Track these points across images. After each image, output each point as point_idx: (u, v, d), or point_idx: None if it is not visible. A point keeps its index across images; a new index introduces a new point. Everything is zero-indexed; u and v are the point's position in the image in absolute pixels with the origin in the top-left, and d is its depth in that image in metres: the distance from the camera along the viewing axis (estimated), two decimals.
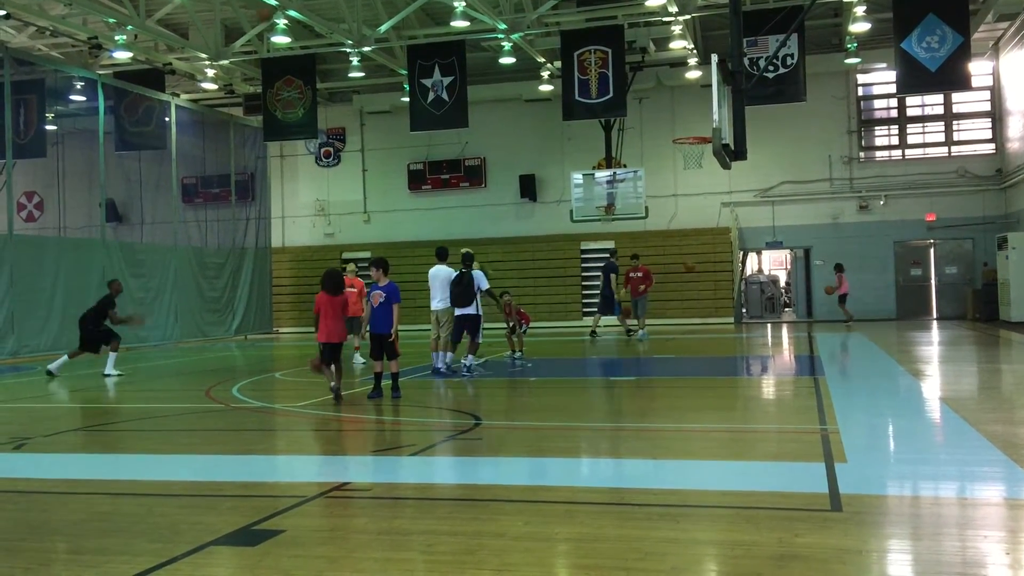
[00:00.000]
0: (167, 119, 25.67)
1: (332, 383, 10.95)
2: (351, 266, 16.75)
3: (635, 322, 21.71)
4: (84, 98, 23.99)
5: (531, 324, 18.27)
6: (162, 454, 8.19)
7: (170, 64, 24.82)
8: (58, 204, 27.17)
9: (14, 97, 21.36)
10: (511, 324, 15.98)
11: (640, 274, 21.85)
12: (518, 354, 15.97)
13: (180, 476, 7.15)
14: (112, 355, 15.50)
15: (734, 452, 7.64)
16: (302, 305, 28.88)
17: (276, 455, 8.20)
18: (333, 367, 11.00)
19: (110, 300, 15.65)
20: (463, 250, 14.41)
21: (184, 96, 27.63)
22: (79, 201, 26.59)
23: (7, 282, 17.29)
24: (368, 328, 11.27)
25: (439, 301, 14.09)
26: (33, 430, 9.89)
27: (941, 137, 27.44)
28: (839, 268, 24.79)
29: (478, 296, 13.71)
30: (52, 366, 15.38)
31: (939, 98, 26.91)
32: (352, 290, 15.20)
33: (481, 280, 13.78)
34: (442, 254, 14.53)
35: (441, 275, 14.17)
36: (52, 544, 5.20)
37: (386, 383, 11.24)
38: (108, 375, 15.24)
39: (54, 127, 25.53)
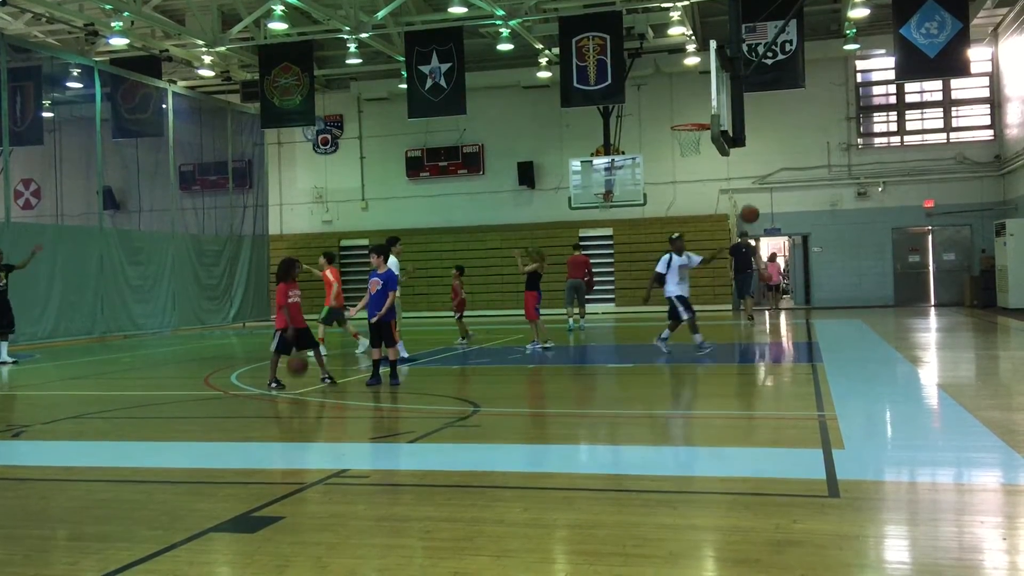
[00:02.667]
0: (164, 106, 25.59)
1: (323, 375, 11.41)
2: (321, 260, 16.42)
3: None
4: (81, 85, 23.91)
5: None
6: (161, 441, 8.20)
7: (167, 51, 24.73)
8: (55, 191, 27.11)
9: (11, 84, 21.28)
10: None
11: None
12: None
13: (179, 463, 7.16)
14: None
15: (732, 438, 7.66)
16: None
17: (275, 442, 8.22)
18: (311, 353, 11.41)
19: (8, 267, 16.06)
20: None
21: (181, 83, 27.55)
22: (76, 188, 26.53)
23: (24, 270, 17.36)
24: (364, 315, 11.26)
25: None
26: (32, 417, 9.90)
27: (940, 123, 27.41)
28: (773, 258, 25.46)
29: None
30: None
31: (938, 84, 26.86)
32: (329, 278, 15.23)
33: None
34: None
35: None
36: (52, 531, 5.21)
37: (385, 370, 11.24)
38: (5, 362, 15.55)
39: (51, 114, 25.46)
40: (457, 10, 21.46)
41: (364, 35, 22.81)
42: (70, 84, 24.13)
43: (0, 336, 15.80)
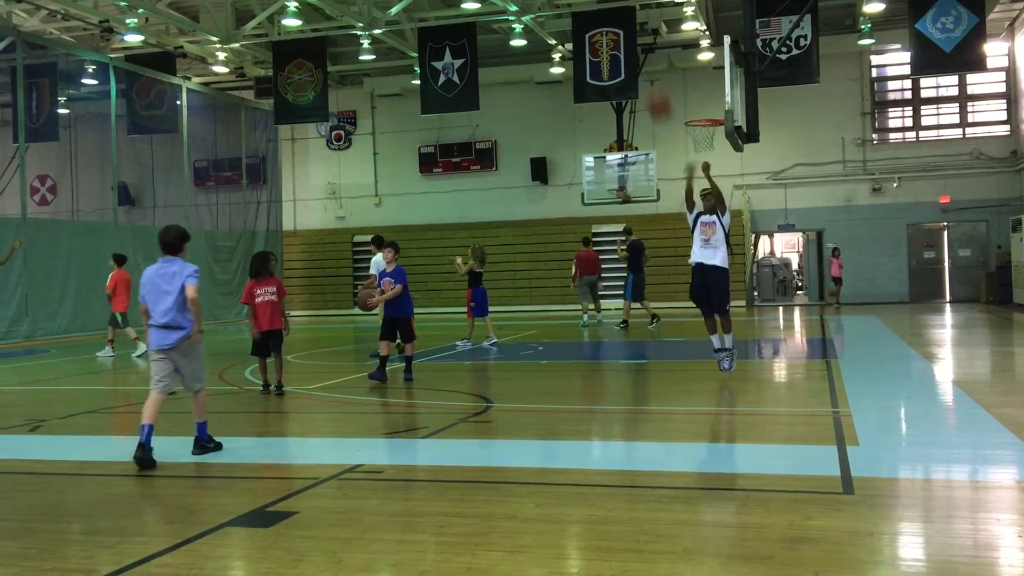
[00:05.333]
0: (179, 102, 25.70)
1: (268, 382, 10.47)
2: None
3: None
4: (96, 82, 24.04)
5: (541, 308, 18.15)
6: (176, 436, 8.23)
7: (181, 47, 24.82)
8: (71, 188, 27.31)
9: (27, 81, 21.43)
10: None
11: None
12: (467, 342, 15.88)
13: (194, 458, 7.19)
14: None
15: (746, 435, 7.64)
16: (313, 288, 29.04)
17: (289, 437, 8.25)
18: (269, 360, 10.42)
19: None
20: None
21: (195, 79, 27.65)
22: (92, 184, 26.71)
23: (21, 265, 17.43)
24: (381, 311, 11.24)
25: None
26: (48, 412, 9.97)
27: (956, 119, 27.23)
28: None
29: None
30: None
31: (954, 79, 26.67)
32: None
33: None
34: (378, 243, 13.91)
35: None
36: (68, 525, 5.25)
37: (398, 366, 11.25)
38: None
39: (66, 111, 25.62)
40: (470, 6, 21.45)
41: (377, 31, 22.83)
42: (85, 80, 24.26)
43: None
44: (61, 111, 24.52)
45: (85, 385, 13.04)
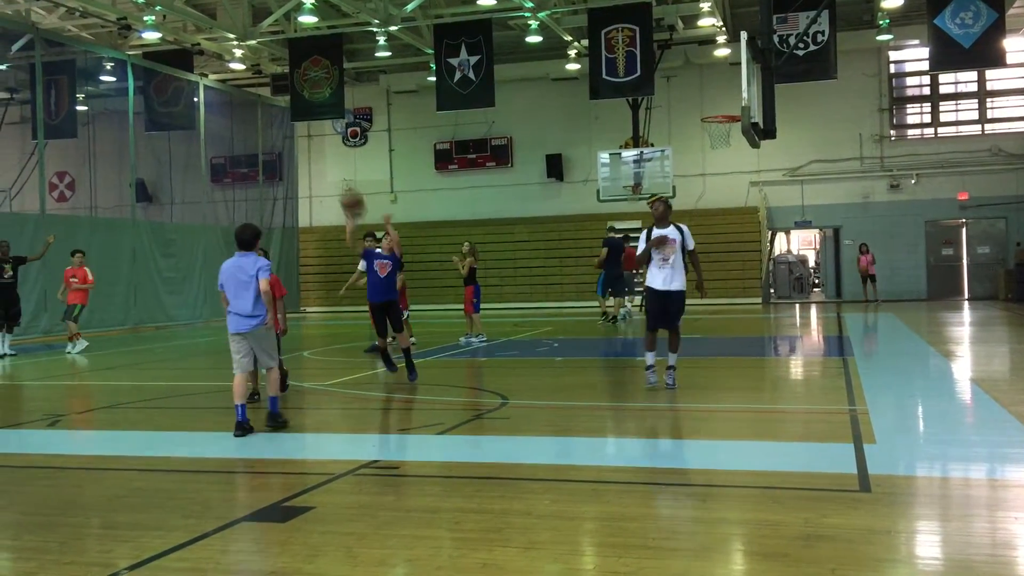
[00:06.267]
0: (196, 99, 25.81)
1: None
2: (76, 257, 16.89)
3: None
4: (114, 79, 24.17)
5: (556, 305, 18.21)
6: (193, 431, 8.29)
7: (198, 44, 24.93)
8: (89, 184, 27.46)
9: (45, 78, 21.59)
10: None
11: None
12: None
13: (211, 453, 7.24)
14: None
15: (761, 432, 7.62)
16: (329, 285, 29.07)
17: (305, 433, 8.28)
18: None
19: (17, 259, 16.16)
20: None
21: (212, 76, 27.75)
22: (110, 181, 26.87)
23: (40, 261, 17.58)
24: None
25: None
26: (66, 407, 10.05)
27: (974, 115, 27.03)
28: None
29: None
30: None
31: (973, 75, 26.47)
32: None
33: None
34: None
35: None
36: (86, 519, 5.29)
37: (402, 364, 11.25)
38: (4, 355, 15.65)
39: (85, 108, 25.77)
40: (486, 2, 21.44)
41: (393, 28, 22.84)
42: (103, 78, 24.39)
43: (7, 329, 15.87)
44: (79, 108, 24.68)
45: (103, 380, 13.14)
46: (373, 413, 9.42)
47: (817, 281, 31.90)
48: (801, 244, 35.33)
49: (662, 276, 9.42)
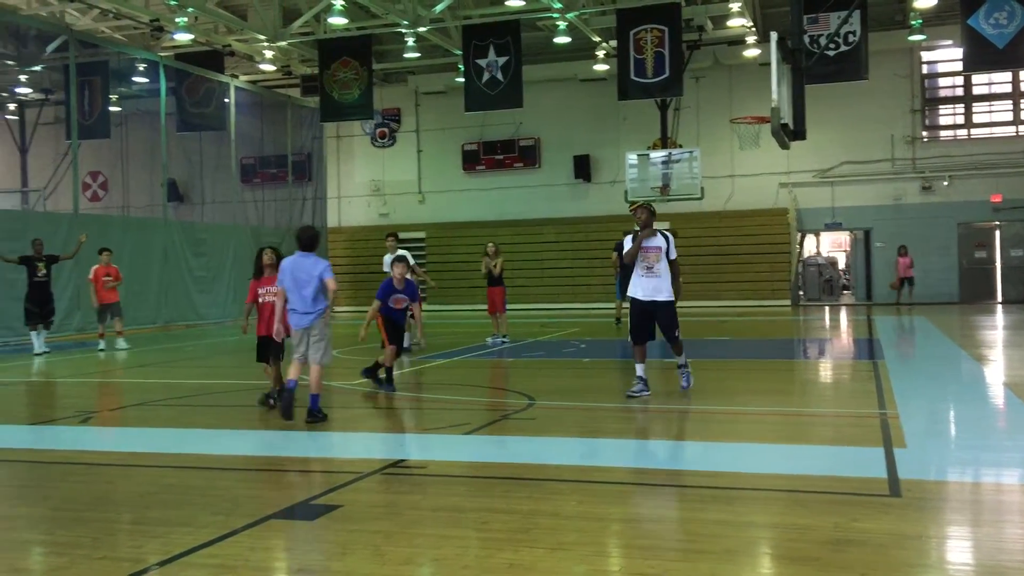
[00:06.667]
0: (227, 100, 26.03)
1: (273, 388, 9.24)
2: (104, 255, 17.05)
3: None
4: (146, 80, 24.45)
5: (583, 306, 18.24)
6: (222, 429, 8.36)
7: (229, 46, 25.13)
8: (122, 184, 27.81)
9: (79, 79, 21.86)
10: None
11: None
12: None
13: (240, 451, 7.30)
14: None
15: (790, 436, 7.56)
16: (357, 285, 29.24)
17: (332, 432, 8.32)
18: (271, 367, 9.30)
19: (51, 258, 16.35)
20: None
21: (243, 77, 27.99)
22: (142, 181, 27.19)
23: (73, 260, 17.81)
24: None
25: None
26: (99, 404, 10.16)
27: (1009, 116, 26.69)
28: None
29: None
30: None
31: (1007, 76, 26.15)
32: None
33: None
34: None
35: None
36: (117, 515, 5.35)
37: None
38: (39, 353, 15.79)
39: (118, 108, 26.07)
40: (514, 3, 21.45)
41: (422, 29, 22.91)
42: (136, 79, 24.67)
43: (44, 326, 16.05)
44: (112, 109, 24.96)
45: (134, 378, 13.28)
46: (400, 413, 9.45)
47: (847, 284, 31.62)
48: (831, 246, 35.03)
49: (645, 286, 9.07)
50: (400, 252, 13.70)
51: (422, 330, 11.86)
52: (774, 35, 12.10)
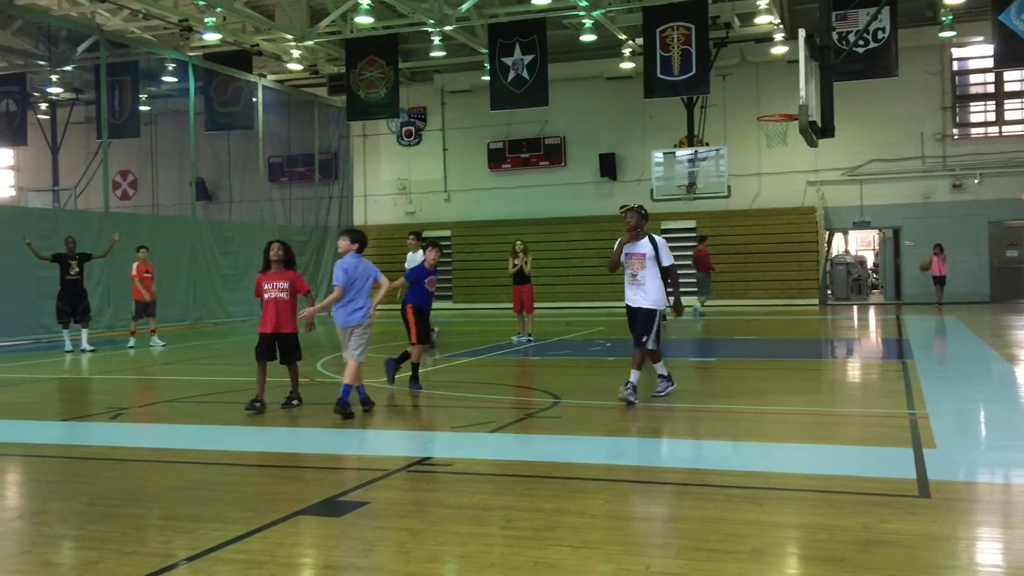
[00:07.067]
0: (254, 99, 26.22)
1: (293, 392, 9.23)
2: (143, 252, 17.18)
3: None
4: (175, 79, 24.68)
5: (609, 304, 18.29)
6: (250, 425, 8.42)
7: (257, 45, 25.32)
8: (151, 183, 28.08)
9: (109, 79, 22.11)
10: None
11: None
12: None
13: (268, 447, 7.36)
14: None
15: (818, 435, 7.51)
16: None
17: (359, 429, 8.36)
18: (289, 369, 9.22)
19: (83, 256, 16.48)
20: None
21: (271, 77, 28.18)
22: (171, 180, 27.46)
23: (104, 259, 18.02)
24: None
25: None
26: (129, 400, 10.28)
27: None
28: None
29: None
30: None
31: None
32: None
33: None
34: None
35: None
36: (147, 510, 5.41)
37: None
38: (84, 350, 15.95)
39: (147, 108, 26.34)
40: (540, 1, 21.44)
41: (448, 28, 22.96)
42: (165, 78, 24.92)
43: (82, 323, 16.23)
44: (142, 108, 25.23)
45: (163, 375, 13.41)
46: (426, 411, 9.48)
47: (876, 283, 31.33)
48: (860, 245, 34.74)
49: (628, 293, 8.97)
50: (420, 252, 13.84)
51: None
52: (802, 32, 12.02)
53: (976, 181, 26.04)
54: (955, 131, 26.64)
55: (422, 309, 10.31)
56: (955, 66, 26.86)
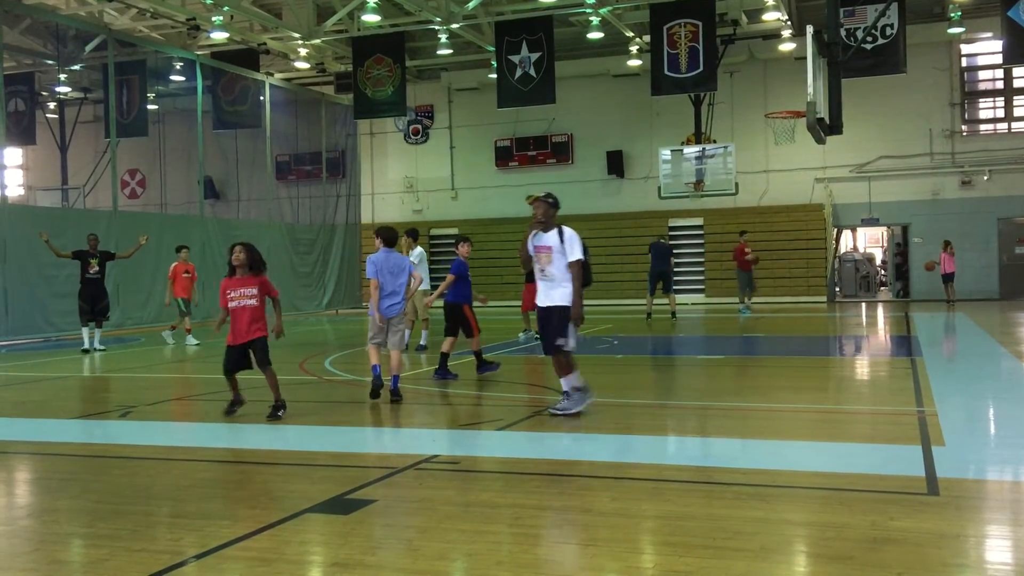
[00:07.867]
0: (262, 98, 26.25)
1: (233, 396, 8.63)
2: (183, 253, 17.54)
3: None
4: (183, 78, 24.71)
5: (616, 302, 18.31)
6: (259, 424, 8.43)
7: (264, 44, 25.35)
8: (160, 181, 28.15)
9: (117, 78, 22.15)
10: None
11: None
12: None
13: (276, 445, 7.37)
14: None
15: (826, 433, 7.50)
16: None
17: (367, 427, 8.38)
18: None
19: (105, 254, 16.46)
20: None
21: (278, 75, 28.20)
22: (179, 178, 27.52)
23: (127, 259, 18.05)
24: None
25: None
26: (138, 399, 10.31)
27: None
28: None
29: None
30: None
31: None
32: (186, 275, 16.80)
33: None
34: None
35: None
36: (157, 507, 5.43)
37: (462, 361, 11.32)
38: (97, 349, 15.93)
39: (155, 107, 26.38)
40: None
41: (455, 26, 22.96)
42: (173, 77, 24.96)
43: (95, 323, 16.09)
44: (150, 107, 25.26)
45: (173, 373, 13.45)
46: (433, 408, 9.49)
47: (884, 280, 31.26)
48: (868, 242, 34.66)
49: (539, 291, 8.18)
50: (418, 249, 14.04)
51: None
52: (810, 29, 12.00)
53: (985, 178, 25.95)
54: (964, 127, 26.55)
55: (469, 301, 11.26)
56: (964, 62, 26.76)
